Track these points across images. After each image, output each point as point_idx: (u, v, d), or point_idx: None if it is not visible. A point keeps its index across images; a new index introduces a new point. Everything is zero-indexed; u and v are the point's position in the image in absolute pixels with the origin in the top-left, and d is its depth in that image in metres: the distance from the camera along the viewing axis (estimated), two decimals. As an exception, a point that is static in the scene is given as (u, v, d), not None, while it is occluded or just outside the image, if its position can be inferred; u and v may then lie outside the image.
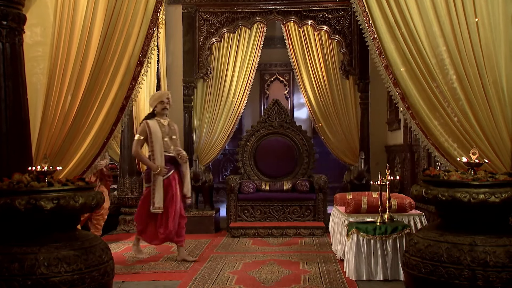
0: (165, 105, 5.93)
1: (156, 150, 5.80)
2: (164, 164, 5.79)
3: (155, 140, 5.80)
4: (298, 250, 6.48)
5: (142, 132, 5.88)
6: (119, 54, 4.17)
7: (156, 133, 5.82)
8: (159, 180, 5.79)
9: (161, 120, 5.94)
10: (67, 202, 3.24)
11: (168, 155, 5.88)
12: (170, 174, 5.87)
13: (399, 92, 4.17)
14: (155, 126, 5.87)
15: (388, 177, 5.35)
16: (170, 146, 5.91)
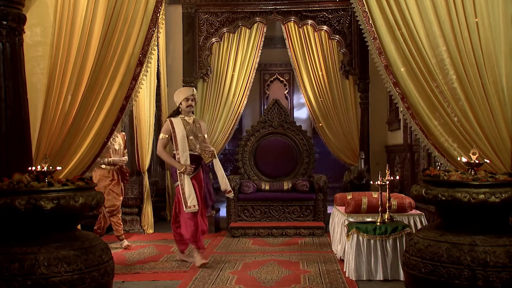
0: (189, 102, 5.73)
1: (180, 148, 5.61)
2: (189, 163, 5.61)
3: (179, 139, 5.63)
4: (298, 250, 6.48)
5: (166, 131, 5.74)
6: (119, 54, 4.16)
7: (180, 132, 5.64)
8: (187, 179, 5.60)
9: (185, 118, 5.76)
10: (67, 202, 3.24)
11: (194, 154, 5.70)
12: (196, 173, 5.72)
13: (399, 92, 4.16)
14: (179, 124, 5.69)
15: (388, 177, 5.35)
16: (196, 145, 5.72)
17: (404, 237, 4.98)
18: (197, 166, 5.72)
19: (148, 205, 7.75)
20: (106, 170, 6.68)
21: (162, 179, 8.96)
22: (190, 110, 5.76)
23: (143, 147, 7.69)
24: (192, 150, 5.68)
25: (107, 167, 6.68)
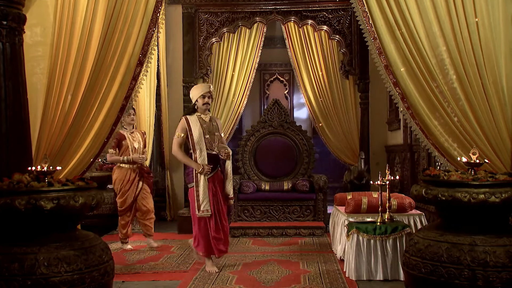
0: (206, 99, 5.50)
1: (196, 147, 5.40)
2: (206, 163, 5.39)
3: (195, 137, 5.40)
4: (298, 250, 6.48)
5: (181, 129, 5.52)
6: (119, 54, 4.16)
7: (197, 130, 5.41)
8: (203, 180, 5.35)
9: (202, 116, 5.54)
10: (67, 202, 3.24)
11: (211, 153, 5.46)
12: (213, 173, 5.48)
13: (399, 92, 4.16)
14: (196, 122, 5.46)
15: (388, 177, 5.34)
16: (212, 144, 5.49)
17: (404, 237, 4.97)
18: (214, 166, 5.49)
19: None
20: (125, 168, 6.60)
21: (162, 179, 8.95)
22: (207, 107, 5.55)
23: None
24: (209, 149, 5.46)
25: (126, 165, 6.59)
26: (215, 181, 5.48)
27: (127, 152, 6.55)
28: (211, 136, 5.49)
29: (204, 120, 5.52)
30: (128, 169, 6.61)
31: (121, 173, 6.60)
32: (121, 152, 6.60)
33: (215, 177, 5.50)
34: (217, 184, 5.50)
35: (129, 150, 6.56)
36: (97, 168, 7.79)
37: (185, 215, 7.73)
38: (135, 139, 6.65)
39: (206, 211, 5.34)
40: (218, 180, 5.54)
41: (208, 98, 5.53)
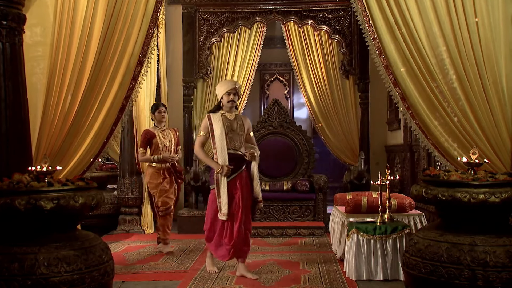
0: (231, 97, 5.16)
1: (218, 147, 5.12)
2: (227, 163, 5.09)
3: (216, 136, 5.12)
4: (298, 250, 6.46)
5: (203, 128, 5.26)
6: (119, 54, 4.17)
7: (218, 129, 5.12)
8: (223, 182, 5.08)
9: (226, 114, 5.23)
10: (67, 202, 3.24)
11: (234, 153, 5.15)
12: (235, 175, 5.14)
13: (399, 92, 4.17)
14: (218, 120, 5.16)
15: (388, 177, 5.32)
16: (236, 143, 5.17)
17: (404, 237, 4.96)
18: (237, 167, 5.15)
19: (148, 205, 7.62)
20: (157, 168, 6.32)
21: None
22: (232, 105, 5.21)
23: (143, 147, 7.62)
24: (231, 149, 5.15)
25: (157, 165, 6.30)
26: (236, 183, 5.14)
27: (157, 151, 6.27)
28: (235, 136, 5.19)
29: (228, 119, 5.21)
30: (160, 168, 6.31)
31: (153, 173, 6.32)
32: (152, 151, 6.33)
33: (238, 178, 5.16)
34: (239, 186, 5.14)
35: (160, 148, 6.28)
36: (97, 168, 7.86)
37: (185, 215, 7.74)
38: (166, 137, 6.37)
39: (224, 214, 5.07)
40: (242, 182, 5.17)
41: (234, 95, 5.17)
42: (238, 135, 5.21)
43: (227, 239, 5.13)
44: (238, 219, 5.09)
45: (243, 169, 5.21)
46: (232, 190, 5.11)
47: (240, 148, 5.21)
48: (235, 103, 5.24)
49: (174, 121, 8.56)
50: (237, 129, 5.22)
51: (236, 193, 5.12)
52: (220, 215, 5.09)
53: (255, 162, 5.26)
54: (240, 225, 5.11)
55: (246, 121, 5.37)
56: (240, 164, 5.19)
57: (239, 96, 5.30)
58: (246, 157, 5.17)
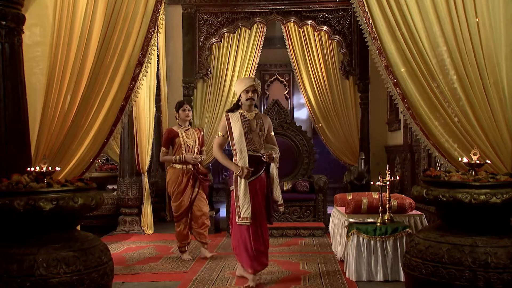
0: (249, 94, 4.87)
1: (237, 148, 4.86)
2: (247, 165, 4.81)
3: (235, 137, 4.86)
4: (298, 251, 6.44)
5: (222, 128, 5.00)
6: (119, 54, 4.16)
7: (237, 129, 4.86)
8: (243, 184, 4.79)
9: (245, 113, 4.96)
10: (66, 203, 3.22)
11: (254, 155, 4.88)
12: (255, 177, 4.89)
13: (400, 93, 4.16)
14: (237, 120, 4.90)
15: (389, 178, 5.30)
16: (256, 144, 4.90)
17: (405, 237, 4.95)
18: (257, 169, 4.89)
19: (148, 206, 7.70)
20: (178, 169, 6.00)
21: (162, 179, 8.75)
22: (251, 103, 4.92)
23: (143, 147, 7.64)
24: (251, 150, 4.88)
25: (179, 165, 5.99)
26: (256, 185, 4.88)
27: (180, 151, 5.97)
28: (254, 136, 4.91)
29: (247, 118, 4.93)
30: (181, 169, 5.99)
31: (174, 174, 6.02)
32: (174, 151, 6.04)
33: (257, 181, 4.90)
34: (259, 189, 4.90)
35: (183, 148, 5.97)
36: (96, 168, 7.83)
37: None
38: (190, 136, 6.04)
39: (246, 219, 4.76)
40: (261, 185, 4.94)
41: (253, 92, 4.88)
42: (258, 136, 4.95)
43: (261, 246, 4.86)
44: (263, 223, 4.90)
45: (262, 172, 4.98)
46: (253, 193, 4.85)
47: (260, 149, 4.94)
48: (254, 101, 4.96)
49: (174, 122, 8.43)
50: (257, 129, 4.95)
51: (256, 196, 4.88)
52: (238, 220, 4.79)
53: (274, 164, 5.02)
54: (266, 229, 4.97)
55: (267, 120, 5.10)
56: (260, 166, 4.95)
57: (259, 93, 5.00)
58: (263, 159, 4.88)
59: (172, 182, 6.01)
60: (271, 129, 5.15)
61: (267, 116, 5.23)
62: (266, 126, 5.05)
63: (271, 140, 5.15)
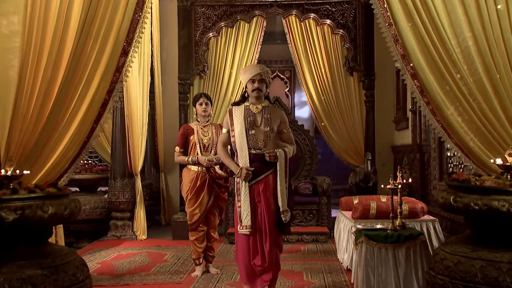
0: (256, 84, 4.29)
1: (238, 146, 4.31)
2: (248, 165, 4.27)
3: (237, 133, 4.30)
4: (301, 258, 6.10)
5: (225, 124, 4.47)
6: (101, 42, 3.72)
7: (239, 124, 4.30)
8: (244, 188, 4.28)
9: (251, 106, 4.37)
10: (33, 213, 2.76)
11: (256, 153, 4.28)
12: (259, 179, 4.30)
13: (418, 85, 3.74)
14: (239, 114, 4.35)
15: (400, 180, 4.87)
16: (258, 142, 4.29)
17: (419, 245, 4.59)
18: (261, 170, 4.30)
19: (141, 209, 7.34)
20: (192, 171, 5.32)
21: (157, 181, 8.60)
22: (258, 95, 4.31)
23: (135, 147, 7.24)
24: (253, 148, 4.28)
25: (193, 167, 5.31)
26: (259, 189, 4.29)
27: (194, 151, 5.30)
28: (258, 133, 4.30)
29: (251, 112, 4.34)
30: (196, 172, 5.30)
31: (188, 176, 5.32)
32: (189, 150, 5.36)
33: (261, 184, 4.29)
34: (263, 194, 4.28)
35: (197, 148, 5.29)
36: (87, 170, 7.50)
37: (180, 220, 7.35)
38: (206, 134, 5.34)
39: (245, 227, 4.25)
40: (266, 189, 4.29)
41: (260, 82, 4.29)
42: (263, 132, 4.32)
43: (259, 261, 4.29)
44: (267, 235, 4.26)
45: (269, 173, 4.32)
46: (255, 198, 4.29)
47: (266, 147, 4.30)
48: (261, 92, 4.33)
49: (169, 120, 8.33)
50: (262, 124, 4.33)
51: (260, 201, 4.28)
52: (240, 228, 4.27)
53: (280, 163, 4.30)
54: (271, 243, 4.28)
55: (277, 114, 4.46)
56: (265, 167, 4.31)
57: (267, 83, 4.38)
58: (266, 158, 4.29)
59: (186, 185, 5.33)
60: (285, 125, 4.50)
61: (279, 109, 4.64)
62: (276, 121, 4.41)
63: (285, 137, 4.53)
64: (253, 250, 4.28)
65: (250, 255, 4.28)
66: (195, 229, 5.36)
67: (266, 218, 4.25)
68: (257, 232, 4.27)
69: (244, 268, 4.33)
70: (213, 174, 5.30)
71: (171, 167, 8.44)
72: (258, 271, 4.30)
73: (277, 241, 4.36)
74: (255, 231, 4.27)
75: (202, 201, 5.29)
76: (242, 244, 4.32)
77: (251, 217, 4.25)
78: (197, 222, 5.33)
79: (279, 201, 4.28)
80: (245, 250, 4.30)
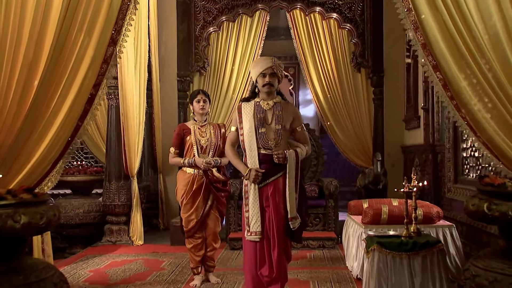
0: (267, 79, 4.01)
1: (247, 145, 4.02)
2: (258, 165, 3.99)
3: (245, 131, 4.02)
4: (307, 266, 5.77)
5: (233, 121, 4.19)
6: (86, 29, 3.33)
7: (248, 121, 4.03)
8: (252, 191, 3.98)
9: (261, 103, 4.08)
10: (3, 223, 2.39)
11: (267, 153, 4.00)
12: (269, 181, 4.01)
13: (441, 78, 3.33)
14: (249, 111, 4.06)
15: (415, 183, 4.55)
16: (268, 141, 4.01)
17: (436, 254, 4.29)
18: (272, 172, 4.01)
19: (138, 213, 6.99)
20: (188, 174, 4.99)
21: (155, 183, 8.30)
22: (269, 90, 4.04)
23: (131, 148, 6.90)
24: (263, 148, 4.00)
25: (189, 170, 4.98)
26: (268, 192, 4.00)
27: (191, 152, 4.96)
28: (269, 131, 4.02)
29: (261, 108, 4.06)
30: (192, 175, 4.97)
31: (184, 180, 4.99)
32: (185, 152, 5.02)
33: (270, 187, 4.00)
34: (271, 197, 3.99)
35: (194, 150, 4.96)
36: (80, 171, 7.16)
37: (178, 224, 6.85)
38: (204, 135, 5.00)
39: (254, 233, 3.95)
40: (275, 192, 4.01)
41: (271, 76, 4.02)
42: (274, 131, 4.04)
43: (266, 270, 3.98)
44: (276, 242, 3.96)
45: (279, 176, 4.03)
46: (263, 202, 4.00)
47: (277, 147, 4.02)
48: (273, 87, 4.05)
49: (167, 119, 8.11)
50: (273, 121, 4.05)
51: (268, 205, 4.00)
52: (247, 234, 3.98)
53: (290, 166, 3.99)
54: (280, 251, 3.96)
55: (290, 111, 4.16)
56: (275, 169, 4.02)
57: (280, 77, 4.11)
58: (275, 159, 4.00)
59: (181, 189, 5.00)
60: (298, 123, 4.19)
61: (292, 105, 4.32)
62: (289, 118, 4.11)
63: (299, 137, 4.22)
64: (260, 259, 3.99)
65: (257, 264, 3.99)
66: (192, 236, 5.02)
67: (274, 224, 3.96)
68: (265, 239, 3.98)
69: (251, 279, 4.03)
70: (210, 177, 4.96)
71: (170, 169, 8.17)
72: (265, 282, 4.00)
73: (286, 249, 4.06)
74: (262, 238, 3.99)
75: (198, 206, 4.96)
76: (249, 252, 4.03)
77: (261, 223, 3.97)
78: (193, 229, 4.99)
79: (287, 207, 3.99)
80: (252, 258, 4.01)
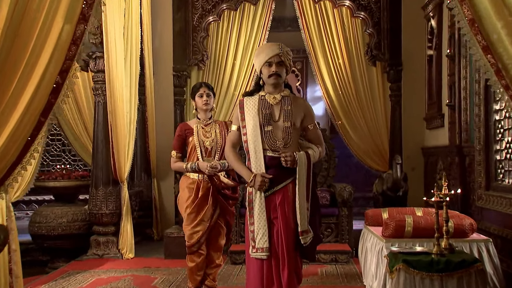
0: (273, 68, 3.50)
1: (251, 147, 3.54)
2: (264, 170, 3.50)
3: (249, 130, 3.55)
4: (318, 284, 5.28)
5: (234, 119, 3.72)
6: (50, 2, 2.73)
7: (251, 119, 3.55)
8: (258, 199, 3.51)
9: (266, 96, 3.60)
10: None
11: (274, 156, 3.53)
12: (277, 189, 3.53)
13: (493, 62, 2.83)
14: (252, 106, 3.59)
15: (446, 191, 4.01)
16: (276, 142, 3.53)
17: (474, 275, 3.82)
18: (280, 178, 3.53)
19: (128, 223, 6.42)
20: (192, 180, 4.46)
21: (148, 189, 7.76)
22: (276, 81, 3.53)
23: (120, 150, 6.33)
24: (270, 149, 3.53)
25: (193, 175, 4.45)
26: (276, 202, 3.53)
27: (195, 155, 4.46)
28: (277, 129, 3.55)
29: (267, 103, 3.59)
30: (197, 180, 4.43)
31: (187, 186, 4.46)
32: (188, 155, 4.55)
33: (278, 196, 3.53)
34: (280, 207, 3.52)
35: (198, 152, 4.44)
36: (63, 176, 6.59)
37: (174, 235, 6.46)
38: (209, 135, 4.47)
39: (261, 250, 3.48)
40: (285, 202, 3.53)
41: (278, 65, 3.50)
42: (283, 128, 3.55)
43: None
44: (285, 261, 3.48)
45: (288, 182, 3.55)
46: (271, 213, 3.52)
47: (286, 148, 3.54)
48: (280, 78, 3.54)
49: (161, 118, 7.68)
50: (281, 118, 3.57)
51: (276, 217, 3.52)
52: (252, 251, 3.49)
53: (300, 170, 3.50)
54: (291, 271, 3.48)
55: (301, 106, 3.66)
56: (284, 174, 3.54)
57: (288, 67, 3.59)
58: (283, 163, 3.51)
59: (184, 197, 4.45)
60: (311, 120, 3.65)
61: (302, 100, 3.81)
62: (299, 114, 3.60)
63: (311, 135, 3.69)
64: (267, 280, 3.51)
65: (264, 286, 3.52)
66: (195, 252, 4.34)
67: (284, 239, 3.47)
68: (273, 257, 3.50)
69: None
70: (217, 183, 4.37)
71: (165, 173, 7.70)
72: None
73: (296, 268, 3.56)
74: (270, 256, 3.51)
75: (204, 216, 4.36)
76: (254, 271, 3.54)
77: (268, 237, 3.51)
78: (198, 243, 4.33)
79: (297, 219, 3.50)
80: (257, 279, 3.52)
